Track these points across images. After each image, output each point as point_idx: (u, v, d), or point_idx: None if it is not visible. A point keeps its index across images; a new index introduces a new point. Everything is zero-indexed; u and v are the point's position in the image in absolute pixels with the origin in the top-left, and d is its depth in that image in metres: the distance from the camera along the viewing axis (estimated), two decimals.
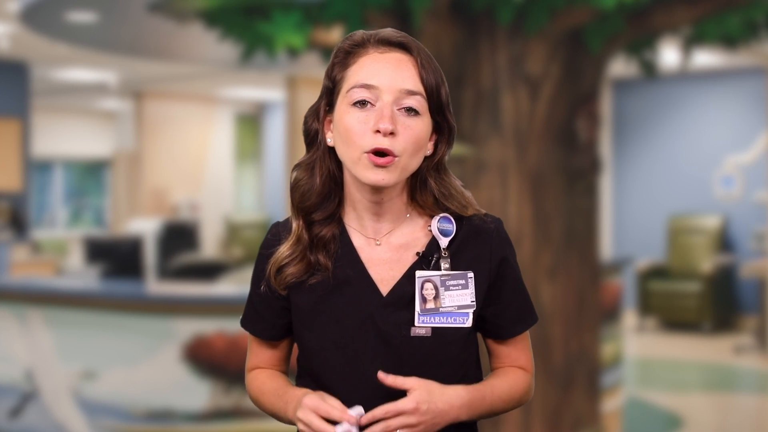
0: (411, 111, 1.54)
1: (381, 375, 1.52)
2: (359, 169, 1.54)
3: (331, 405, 1.51)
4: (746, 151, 10.12)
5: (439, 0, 4.69)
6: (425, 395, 1.51)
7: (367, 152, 1.53)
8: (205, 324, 4.98)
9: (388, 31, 1.58)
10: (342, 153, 1.57)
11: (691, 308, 10.08)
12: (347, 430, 1.49)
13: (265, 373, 1.70)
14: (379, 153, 1.53)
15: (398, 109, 1.54)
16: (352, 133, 1.54)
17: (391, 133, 1.52)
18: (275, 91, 12.27)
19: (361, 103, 1.54)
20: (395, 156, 1.53)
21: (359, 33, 1.59)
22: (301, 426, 1.53)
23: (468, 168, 4.69)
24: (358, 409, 1.51)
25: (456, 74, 4.71)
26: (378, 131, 1.52)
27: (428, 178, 1.61)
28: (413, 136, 1.54)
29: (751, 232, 10.12)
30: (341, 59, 1.58)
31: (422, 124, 1.55)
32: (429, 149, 1.59)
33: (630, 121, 11.20)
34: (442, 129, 1.60)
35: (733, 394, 7.93)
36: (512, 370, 1.66)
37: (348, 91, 1.55)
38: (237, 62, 5.68)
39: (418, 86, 1.55)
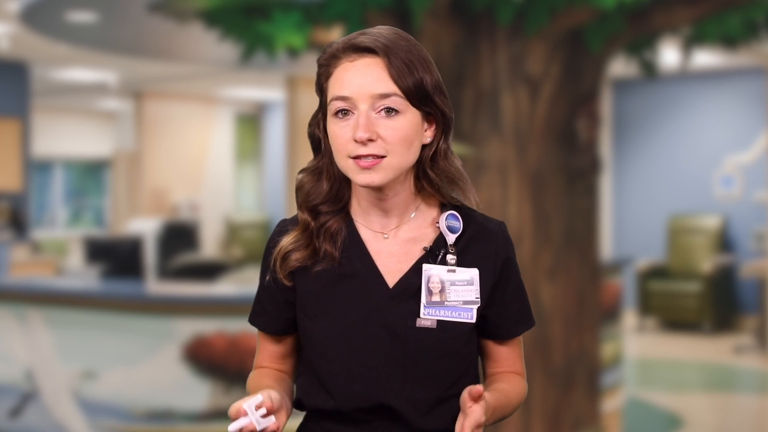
0: (391, 111, 1.56)
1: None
2: (350, 174, 1.58)
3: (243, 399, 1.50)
4: (746, 151, 10.12)
5: (439, 0, 4.69)
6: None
7: (352, 158, 1.56)
8: (205, 324, 4.98)
9: (362, 37, 1.59)
10: (335, 160, 1.61)
11: (691, 308, 10.09)
12: (243, 420, 1.45)
13: (261, 372, 1.70)
14: (365, 158, 1.56)
15: (378, 112, 1.56)
16: (336, 143, 1.57)
17: (370, 140, 1.54)
18: (275, 91, 12.27)
19: (343, 112, 1.57)
20: (381, 157, 1.55)
21: (335, 43, 1.61)
22: None
23: (468, 168, 4.65)
24: (256, 398, 1.48)
25: (456, 74, 4.72)
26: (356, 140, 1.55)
27: (427, 167, 1.63)
28: (397, 135, 1.56)
29: (751, 232, 10.12)
30: (323, 71, 1.62)
31: (406, 121, 1.57)
32: (428, 136, 1.62)
33: (630, 121, 11.20)
34: (435, 116, 1.62)
35: (733, 394, 7.93)
36: (514, 377, 1.69)
37: (329, 103, 1.59)
38: (237, 62, 5.68)
39: (390, 87, 1.56)
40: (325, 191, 1.64)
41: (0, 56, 9.92)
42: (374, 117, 1.55)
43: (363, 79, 1.56)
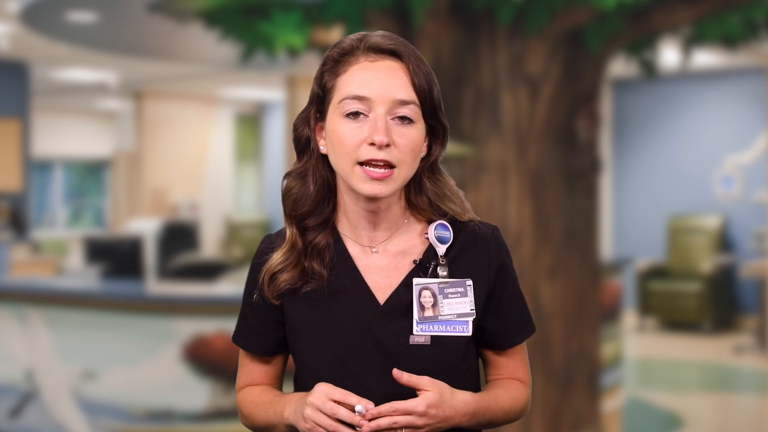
0: (405, 119, 1.51)
1: (396, 372, 1.49)
2: (354, 180, 1.51)
3: (346, 391, 1.48)
4: (746, 151, 10.12)
5: (439, 0, 4.69)
6: (436, 398, 1.48)
7: (362, 163, 1.50)
8: (205, 324, 4.98)
9: (378, 38, 1.53)
10: (335, 163, 1.54)
11: (691, 308, 10.08)
12: (361, 411, 1.46)
13: (258, 388, 1.66)
14: (376, 165, 1.50)
15: (392, 119, 1.51)
16: (345, 145, 1.50)
17: (387, 145, 1.49)
18: (275, 91, 12.28)
19: (354, 114, 1.50)
20: (393, 167, 1.50)
21: (348, 40, 1.55)
22: (309, 411, 1.48)
23: (468, 168, 4.69)
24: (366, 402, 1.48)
25: (456, 74, 4.72)
26: (373, 143, 1.49)
27: (423, 180, 1.58)
28: (409, 145, 1.51)
29: (751, 232, 10.11)
30: (330, 67, 1.54)
31: (417, 132, 1.52)
32: (423, 150, 1.56)
33: (630, 121, 11.20)
34: (435, 131, 1.57)
35: (733, 394, 7.93)
36: (514, 383, 1.64)
37: (340, 102, 1.51)
38: (237, 62, 5.68)
39: (411, 95, 1.51)
40: (312, 194, 1.57)
41: (0, 56, 9.92)
42: (389, 123, 1.50)
43: (385, 81, 1.50)
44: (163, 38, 8.07)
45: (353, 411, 1.47)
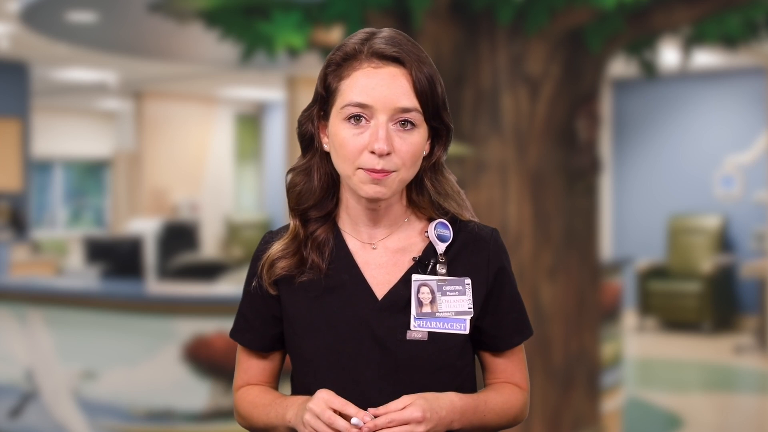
0: (407, 124, 1.52)
1: (372, 413, 1.48)
2: (355, 183, 1.53)
3: (346, 401, 1.48)
4: (746, 151, 10.12)
5: (439, 0, 4.69)
6: (425, 403, 1.48)
7: (364, 169, 1.51)
8: (205, 324, 4.98)
9: (382, 44, 1.53)
10: (337, 164, 1.56)
11: (691, 308, 10.08)
12: (357, 424, 1.46)
13: (257, 388, 1.66)
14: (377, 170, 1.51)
15: (394, 124, 1.52)
16: (346, 150, 1.52)
17: (387, 153, 1.50)
18: (275, 91, 12.28)
19: (356, 119, 1.52)
20: (392, 171, 1.52)
21: (351, 43, 1.55)
22: (308, 417, 1.48)
23: (468, 168, 4.69)
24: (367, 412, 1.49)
25: (456, 74, 4.72)
26: (373, 151, 1.50)
27: (425, 180, 1.59)
28: (410, 150, 1.52)
29: (751, 232, 10.12)
30: (334, 70, 1.55)
31: (419, 137, 1.53)
32: (426, 150, 1.58)
33: (630, 121, 11.21)
34: (439, 132, 1.59)
35: (733, 394, 7.93)
36: (508, 386, 1.64)
37: (342, 107, 1.53)
38: (237, 62, 5.68)
39: (413, 102, 1.52)
40: (317, 189, 1.59)
41: (0, 56, 9.92)
42: (390, 129, 1.51)
43: (388, 90, 1.51)
44: (163, 38, 8.07)
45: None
